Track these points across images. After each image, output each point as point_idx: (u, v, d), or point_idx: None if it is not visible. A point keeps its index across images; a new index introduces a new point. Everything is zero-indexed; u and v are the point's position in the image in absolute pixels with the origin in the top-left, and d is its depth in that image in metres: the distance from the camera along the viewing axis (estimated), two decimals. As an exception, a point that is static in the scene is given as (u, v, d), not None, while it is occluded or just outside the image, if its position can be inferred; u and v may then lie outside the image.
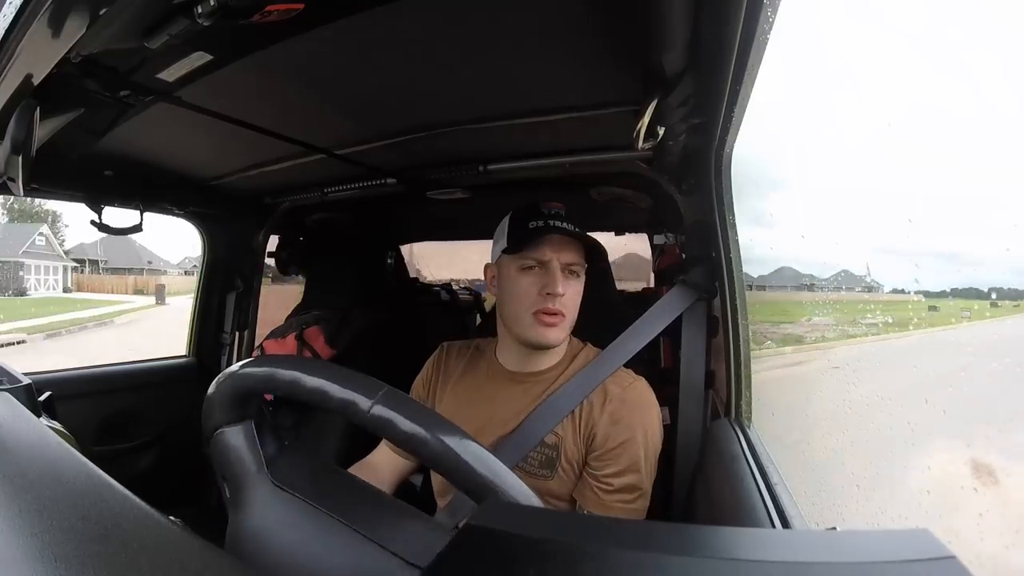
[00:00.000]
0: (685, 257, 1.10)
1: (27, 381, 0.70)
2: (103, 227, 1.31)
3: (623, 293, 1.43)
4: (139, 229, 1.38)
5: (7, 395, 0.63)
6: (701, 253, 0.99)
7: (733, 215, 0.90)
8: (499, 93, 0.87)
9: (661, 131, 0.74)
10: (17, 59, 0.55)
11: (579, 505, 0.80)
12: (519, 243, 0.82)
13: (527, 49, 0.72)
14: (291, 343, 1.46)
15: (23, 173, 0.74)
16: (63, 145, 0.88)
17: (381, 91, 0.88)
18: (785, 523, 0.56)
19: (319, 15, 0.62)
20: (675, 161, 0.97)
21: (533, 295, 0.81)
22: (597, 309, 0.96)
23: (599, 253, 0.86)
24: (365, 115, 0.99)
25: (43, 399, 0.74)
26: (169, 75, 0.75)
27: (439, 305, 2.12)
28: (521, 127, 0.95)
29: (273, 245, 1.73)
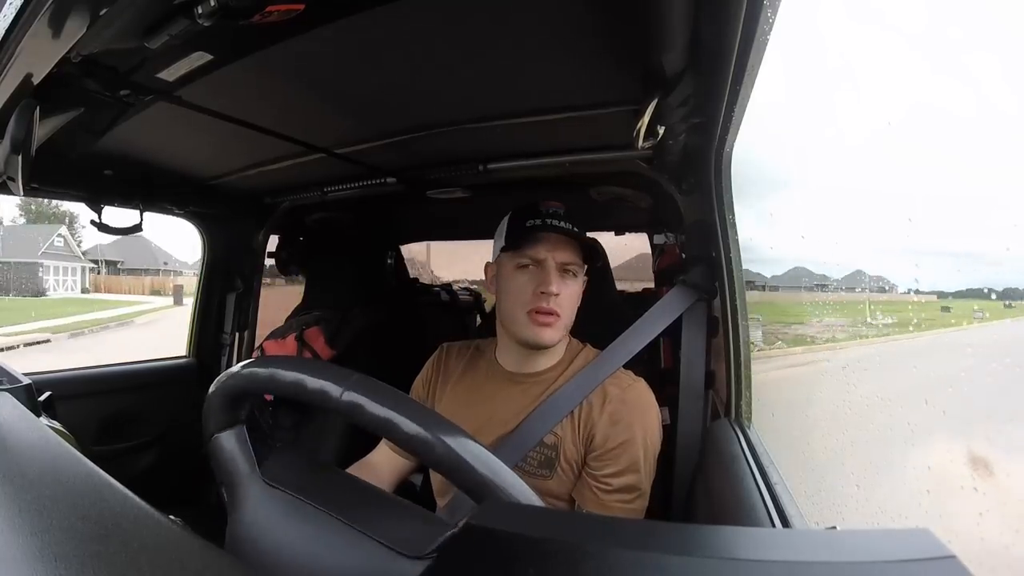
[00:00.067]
0: (685, 257, 1.10)
1: (27, 381, 0.70)
2: (103, 227, 1.31)
3: (623, 293, 1.43)
4: (139, 229, 1.38)
5: (7, 395, 0.63)
6: (701, 253, 0.99)
7: (733, 215, 0.90)
8: (499, 93, 0.87)
9: (661, 131, 0.74)
10: (17, 59, 0.55)
11: (578, 505, 0.80)
12: (516, 241, 0.82)
13: (527, 49, 0.72)
14: (291, 344, 1.46)
15: (23, 173, 0.73)
16: (63, 145, 0.88)
17: (381, 91, 0.88)
18: (785, 523, 0.56)
19: (319, 15, 0.62)
20: (675, 161, 0.97)
21: (528, 294, 0.81)
22: (597, 309, 0.96)
23: (597, 253, 0.86)
24: (365, 115, 0.99)
25: (43, 399, 0.74)
26: (169, 75, 0.75)
27: (439, 305, 2.12)
28: (521, 126, 0.95)
29: (273, 245, 1.73)
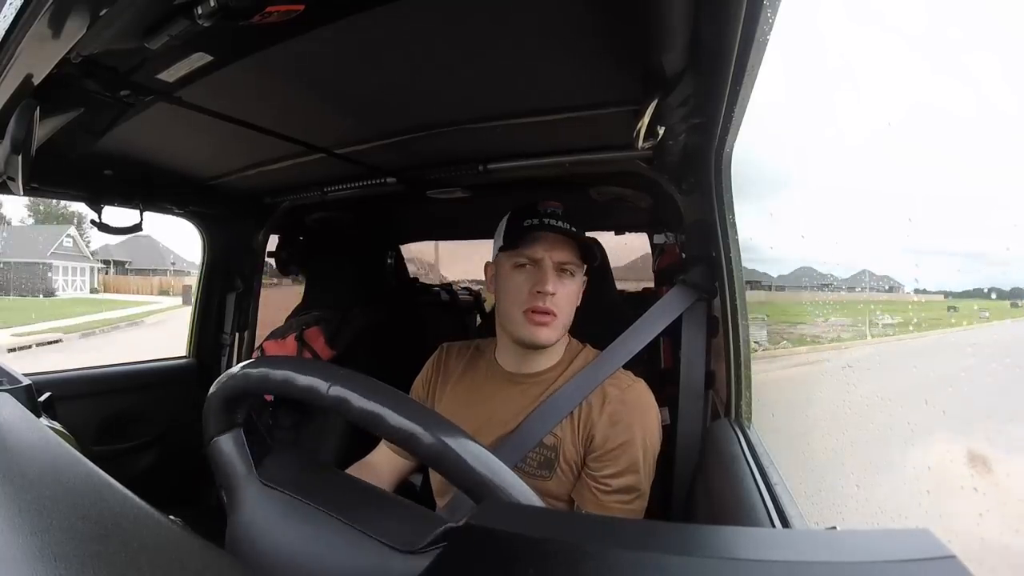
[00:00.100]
0: (685, 257, 1.09)
1: (27, 381, 0.70)
2: (103, 227, 1.31)
3: (623, 293, 1.43)
4: (139, 229, 1.38)
5: (7, 395, 0.63)
6: (701, 253, 0.99)
7: (733, 215, 0.90)
8: (499, 93, 0.87)
9: (661, 131, 0.74)
10: (17, 59, 0.55)
11: (577, 505, 0.80)
12: (513, 241, 0.82)
13: (527, 49, 0.72)
14: (291, 344, 1.46)
15: (23, 173, 0.74)
16: (63, 145, 0.88)
17: (381, 91, 0.88)
18: (785, 523, 0.56)
19: (319, 15, 0.62)
20: (675, 161, 0.97)
21: (524, 293, 0.81)
22: (597, 309, 0.96)
23: (594, 252, 0.86)
24: (365, 115, 0.99)
25: (43, 399, 0.74)
26: (169, 75, 0.75)
27: (439, 305, 2.12)
28: (521, 127, 0.95)
29: (273, 245, 1.73)
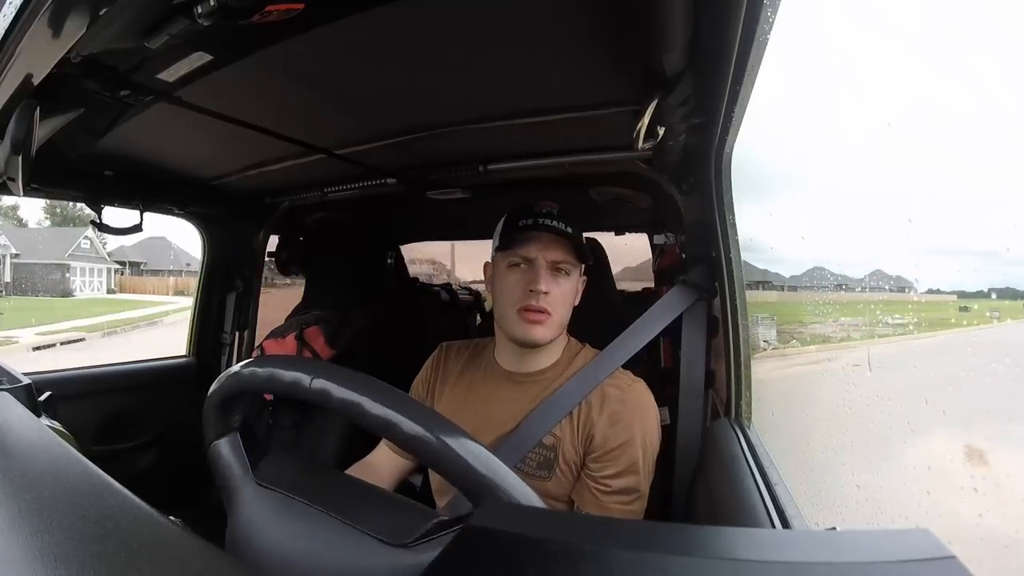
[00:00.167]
0: (685, 257, 1.09)
1: (27, 381, 0.70)
2: (103, 227, 1.31)
3: (623, 293, 1.43)
4: (139, 229, 1.38)
5: (7, 395, 0.64)
6: (701, 253, 0.99)
7: (733, 215, 0.90)
8: (499, 93, 0.87)
9: (661, 131, 0.74)
10: (17, 59, 0.55)
11: (577, 506, 0.80)
12: (508, 241, 0.83)
13: (527, 49, 0.72)
14: (291, 343, 1.46)
15: (23, 173, 0.74)
16: (63, 145, 0.88)
17: (381, 91, 0.88)
18: (785, 523, 0.56)
19: (319, 15, 0.62)
20: (675, 161, 0.97)
21: (519, 292, 0.82)
22: (597, 309, 0.96)
23: (588, 251, 0.86)
24: (365, 115, 0.99)
25: (43, 399, 0.74)
26: (169, 75, 0.75)
27: (439, 305, 2.12)
28: (521, 127, 0.95)
29: (273, 245, 1.73)
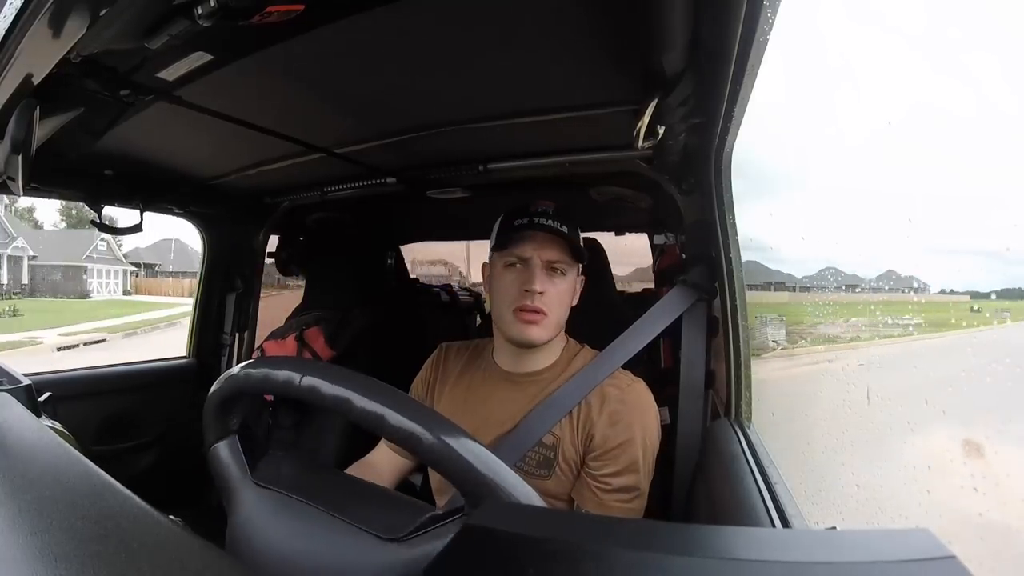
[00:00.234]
0: (685, 257, 1.09)
1: (27, 381, 0.70)
2: (103, 227, 1.31)
3: (623, 293, 1.43)
4: (139, 229, 1.38)
5: (7, 395, 0.64)
6: (701, 253, 0.99)
7: (733, 215, 0.90)
8: (499, 93, 0.87)
9: (661, 131, 0.74)
10: (17, 59, 0.55)
11: (577, 504, 0.80)
12: (504, 241, 0.83)
13: (527, 49, 0.72)
14: (291, 344, 1.46)
15: (23, 173, 0.74)
16: (63, 145, 0.88)
17: (381, 91, 0.88)
18: (785, 523, 0.56)
19: (319, 16, 0.62)
20: (675, 161, 0.96)
21: (514, 292, 0.82)
22: (597, 310, 0.96)
23: (584, 250, 0.85)
24: (365, 115, 0.99)
25: (43, 399, 0.74)
26: (169, 75, 0.75)
27: (439, 305, 2.12)
28: (521, 126, 0.95)
29: (273, 245, 1.73)
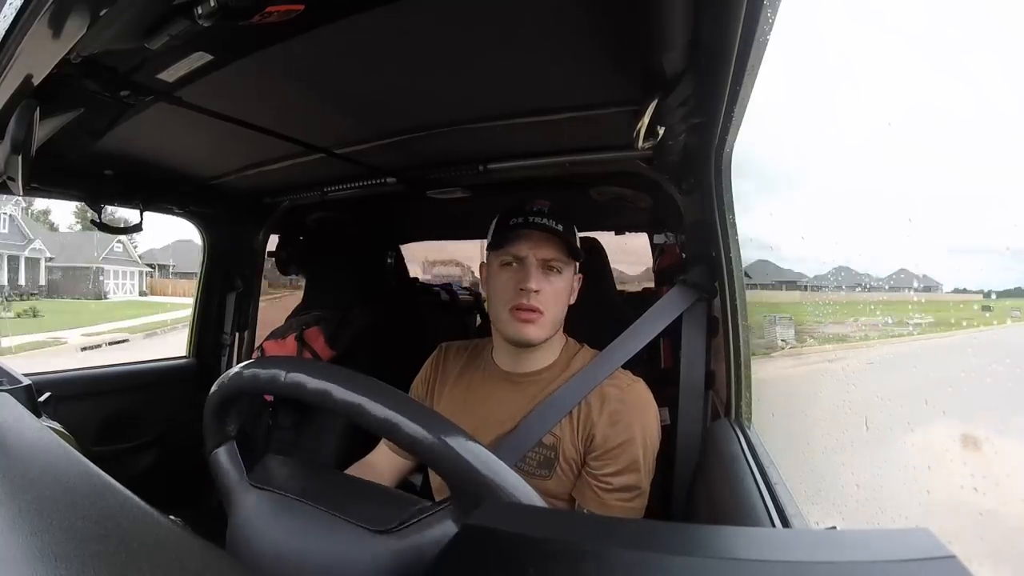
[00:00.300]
0: (685, 257, 1.09)
1: (27, 382, 0.71)
2: (103, 227, 1.31)
3: (623, 293, 1.43)
4: (139, 229, 1.38)
5: (7, 395, 0.64)
6: (701, 253, 0.99)
7: (733, 214, 0.90)
8: (499, 93, 0.87)
9: (661, 131, 0.74)
10: (17, 59, 0.55)
11: (578, 504, 0.80)
12: (500, 240, 0.83)
13: (527, 49, 0.72)
14: (291, 344, 1.46)
15: (23, 173, 0.74)
16: (63, 145, 0.88)
17: (381, 91, 0.88)
18: (785, 523, 0.56)
19: (319, 16, 0.62)
20: (675, 161, 0.97)
21: (510, 291, 0.82)
22: (597, 309, 0.96)
23: (578, 250, 0.85)
24: (365, 115, 0.99)
25: (43, 399, 0.74)
26: (169, 75, 0.75)
27: (439, 305, 2.12)
28: (521, 127, 0.95)
29: (273, 245, 1.73)
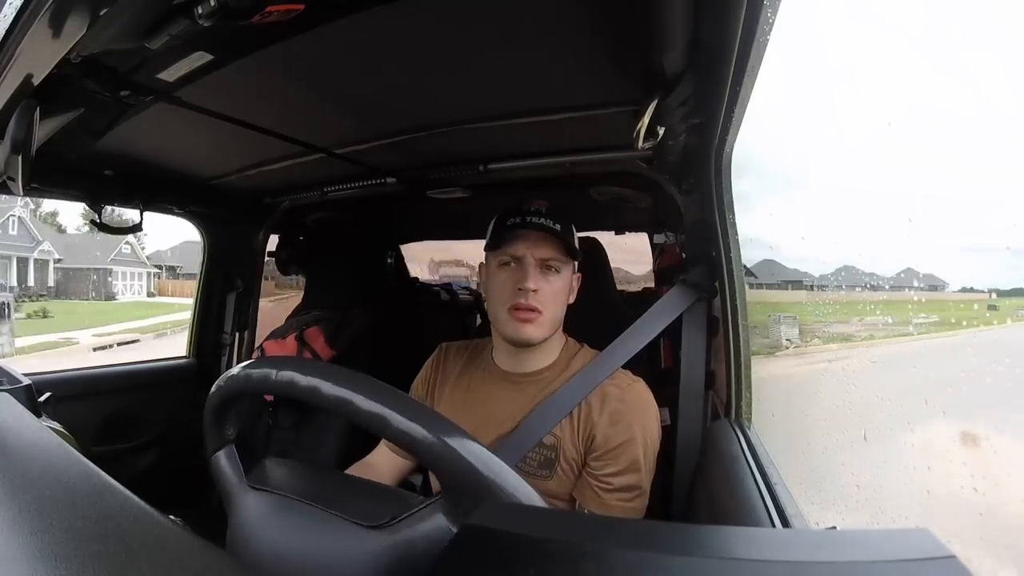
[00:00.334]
0: (685, 257, 1.09)
1: (27, 381, 0.71)
2: (103, 227, 1.31)
3: (623, 293, 1.43)
4: (139, 229, 1.38)
5: (7, 395, 0.64)
6: (701, 253, 0.99)
7: (733, 214, 0.90)
8: (499, 93, 0.87)
9: (661, 131, 0.74)
10: (17, 59, 0.55)
11: (579, 504, 0.80)
12: (497, 240, 0.83)
13: (527, 49, 0.72)
14: (291, 344, 1.46)
15: (23, 173, 0.74)
16: (63, 145, 0.88)
17: (381, 91, 0.88)
18: (785, 523, 0.56)
19: (319, 15, 0.62)
20: (675, 161, 0.97)
21: (508, 291, 0.82)
22: (597, 309, 0.96)
23: (576, 249, 0.85)
24: (365, 115, 0.99)
25: (43, 399, 0.74)
26: (169, 75, 0.75)
27: (439, 305, 2.12)
28: (521, 127, 0.95)
29: (273, 245, 1.73)
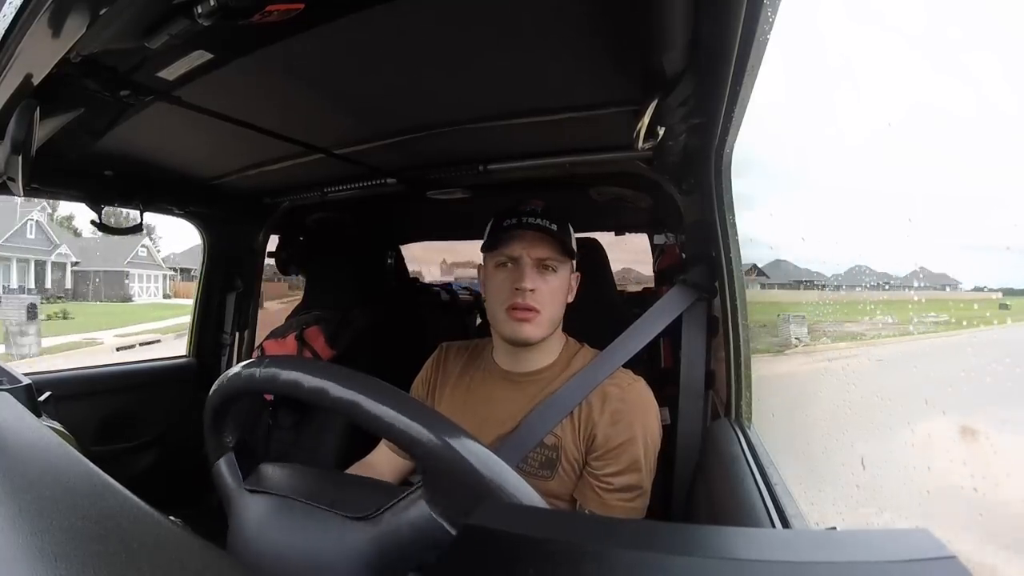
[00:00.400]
0: (685, 257, 1.10)
1: (27, 381, 0.70)
2: (103, 227, 1.31)
3: (623, 293, 1.43)
4: (139, 229, 1.38)
5: (7, 395, 0.64)
6: (701, 253, 0.99)
7: (733, 215, 0.90)
8: (499, 93, 0.87)
9: (661, 131, 0.74)
10: (17, 59, 0.55)
11: (580, 504, 0.80)
12: (494, 241, 0.84)
13: (527, 49, 0.72)
14: (291, 343, 1.46)
15: (23, 173, 0.74)
16: (63, 145, 0.88)
17: (381, 91, 0.88)
18: (785, 523, 0.56)
19: (319, 15, 0.62)
20: (675, 161, 0.97)
21: (506, 291, 0.83)
22: (596, 309, 0.96)
23: (572, 249, 0.86)
24: (365, 115, 0.99)
25: (43, 399, 0.74)
26: (169, 74, 0.75)
27: (439, 305, 2.12)
28: (521, 127, 0.95)
29: (273, 245, 1.73)
